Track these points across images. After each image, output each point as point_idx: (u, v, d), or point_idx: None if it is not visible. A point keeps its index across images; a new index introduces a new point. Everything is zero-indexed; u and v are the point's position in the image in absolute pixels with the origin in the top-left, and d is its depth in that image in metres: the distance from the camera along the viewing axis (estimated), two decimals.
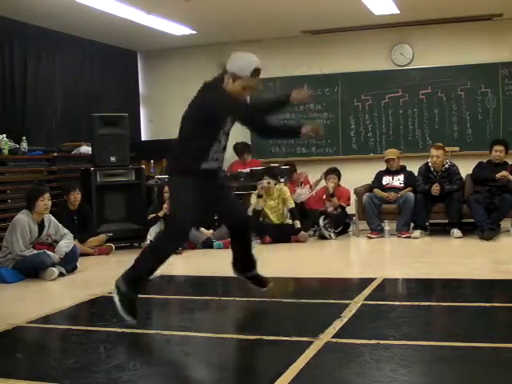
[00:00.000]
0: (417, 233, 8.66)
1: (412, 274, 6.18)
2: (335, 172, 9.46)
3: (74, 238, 7.23)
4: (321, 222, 8.85)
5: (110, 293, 4.49)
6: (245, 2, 8.96)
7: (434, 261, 6.94)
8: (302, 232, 8.63)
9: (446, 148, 9.16)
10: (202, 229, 8.51)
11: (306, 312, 4.86)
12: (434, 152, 8.87)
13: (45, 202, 6.70)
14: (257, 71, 4.49)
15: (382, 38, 10.79)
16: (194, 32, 10.44)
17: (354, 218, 9.31)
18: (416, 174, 9.12)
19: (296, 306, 4.97)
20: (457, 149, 10.23)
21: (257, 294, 4.80)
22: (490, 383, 3.22)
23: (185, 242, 6.71)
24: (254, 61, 4.53)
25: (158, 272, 6.14)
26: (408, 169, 9.34)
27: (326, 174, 9.49)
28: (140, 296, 4.43)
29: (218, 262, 7.53)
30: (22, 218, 6.64)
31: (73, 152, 9.57)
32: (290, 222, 8.86)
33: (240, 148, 10.34)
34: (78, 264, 6.95)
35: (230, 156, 10.56)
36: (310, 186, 9.78)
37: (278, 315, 4.78)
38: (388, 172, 9.33)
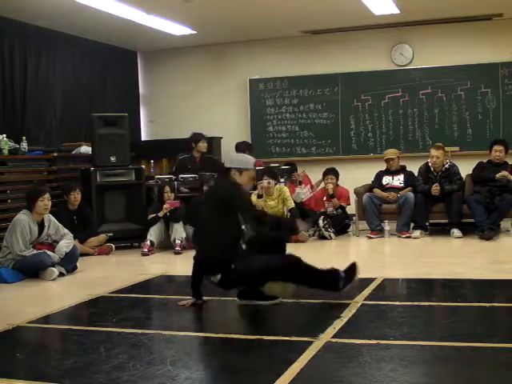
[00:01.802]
0: (417, 233, 8.66)
1: (412, 273, 6.18)
2: (333, 172, 9.43)
3: (74, 238, 7.24)
4: (321, 222, 8.85)
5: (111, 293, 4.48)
6: (245, 2, 8.96)
7: (434, 261, 6.93)
8: (302, 232, 8.62)
9: (446, 148, 9.15)
10: None
11: (306, 312, 4.86)
12: (433, 152, 8.86)
13: (44, 202, 6.70)
14: (255, 164, 5.25)
15: (382, 38, 10.80)
16: (194, 32, 10.45)
17: (353, 218, 9.31)
18: (416, 173, 9.12)
19: (296, 306, 4.97)
20: (457, 149, 10.23)
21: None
22: (490, 383, 3.22)
23: None
24: (251, 157, 5.34)
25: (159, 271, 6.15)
26: (408, 169, 9.33)
27: (324, 175, 9.47)
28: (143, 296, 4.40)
29: None
30: (22, 218, 6.65)
31: (73, 152, 9.57)
32: None
33: (242, 148, 10.34)
34: (77, 264, 6.95)
35: None
36: (312, 187, 9.78)
37: (277, 315, 4.78)
38: (388, 172, 9.32)
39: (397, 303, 4.91)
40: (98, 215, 8.50)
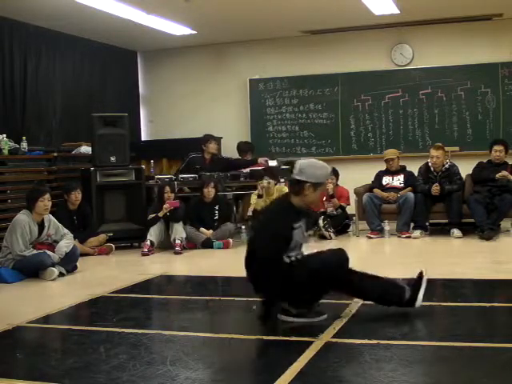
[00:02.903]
0: (417, 233, 8.66)
1: (412, 274, 6.16)
2: (333, 172, 9.41)
3: (74, 238, 7.23)
4: (320, 222, 8.85)
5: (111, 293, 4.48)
6: (245, 2, 8.96)
7: (434, 261, 6.93)
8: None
9: (446, 148, 9.15)
10: (202, 229, 8.50)
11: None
12: (433, 152, 8.86)
13: (45, 202, 6.69)
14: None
15: (382, 38, 10.80)
16: (194, 32, 10.44)
17: (353, 218, 9.31)
18: (416, 174, 9.12)
19: None
20: (457, 149, 10.24)
21: (255, 294, 4.78)
22: (490, 383, 3.22)
23: None
24: (327, 167, 4.49)
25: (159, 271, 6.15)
26: (408, 169, 9.33)
27: None
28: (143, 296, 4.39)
29: (218, 262, 7.54)
30: (22, 218, 6.64)
31: (73, 152, 9.58)
32: None
33: (243, 147, 10.36)
34: (77, 264, 6.95)
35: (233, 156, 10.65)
36: None
37: (275, 315, 4.77)
38: (388, 172, 9.32)
39: None
40: (97, 215, 8.50)
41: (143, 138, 12.29)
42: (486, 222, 8.27)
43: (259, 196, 8.65)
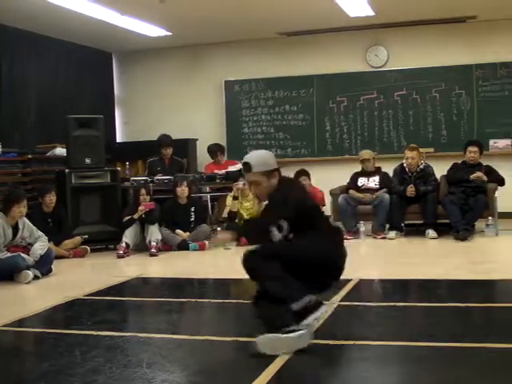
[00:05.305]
0: (392, 234, 8.70)
1: (388, 274, 6.21)
2: (305, 174, 9.40)
3: (49, 241, 7.17)
4: None
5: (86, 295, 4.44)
6: (220, 4, 8.94)
7: (410, 261, 6.97)
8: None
9: (421, 149, 9.21)
10: (178, 231, 8.48)
11: None
12: (408, 153, 8.91)
13: (20, 209, 6.60)
14: None
15: (357, 40, 10.84)
16: (169, 33, 10.42)
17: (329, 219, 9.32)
18: (391, 175, 9.15)
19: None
20: (431, 150, 10.31)
21: (231, 296, 4.78)
22: (465, 382, 3.24)
23: None
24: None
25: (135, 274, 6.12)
26: (383, 170, 9.36)
27: (297, 177, 9.44)
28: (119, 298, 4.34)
29: (193, 264, 7.53)
30: None
31: (47, 154, 9.51)
32: None
33: (213, 149, 10.34)
34: (52, 267, 6.89)
35: (204, 160, 10.66)
36: None
37: (251, 316, 4.77)
38: (363, 173, 9.34)
39: (373, 304, 4.93)
40: (72, 217, 8.43)
41: (118, 139, 12.23)
42: (460, 223, 8.32)
43: (235, 198, 8.64)
